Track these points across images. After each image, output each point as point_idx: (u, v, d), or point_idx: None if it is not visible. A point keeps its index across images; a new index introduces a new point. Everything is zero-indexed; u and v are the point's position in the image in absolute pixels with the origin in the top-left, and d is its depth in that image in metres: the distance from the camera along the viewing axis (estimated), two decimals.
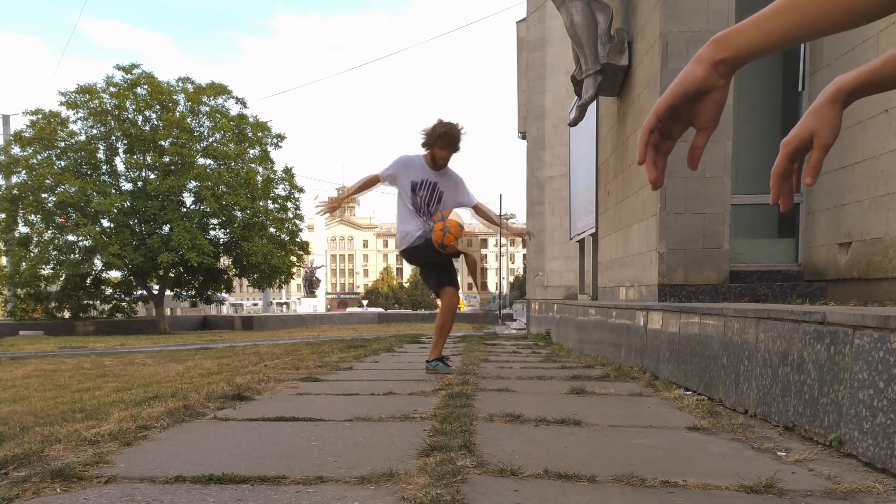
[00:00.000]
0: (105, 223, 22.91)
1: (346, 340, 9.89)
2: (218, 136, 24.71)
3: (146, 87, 23.60)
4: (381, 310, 51.42)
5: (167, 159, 23.47)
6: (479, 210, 4.61)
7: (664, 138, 0.83)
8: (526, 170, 16.49)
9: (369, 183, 4.53)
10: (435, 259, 4.29)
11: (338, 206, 4.59)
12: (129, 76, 23.66)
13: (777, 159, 0.84)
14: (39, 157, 22.77)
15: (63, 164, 23.14)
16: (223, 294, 28.92)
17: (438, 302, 4.47)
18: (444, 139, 4.22)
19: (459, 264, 4.45)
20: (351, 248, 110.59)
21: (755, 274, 5.38)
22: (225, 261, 26.27)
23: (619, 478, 1.68)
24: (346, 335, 15.92)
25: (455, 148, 4.30)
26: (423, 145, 4.33)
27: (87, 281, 24.05)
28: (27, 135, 22.73)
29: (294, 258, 27.03)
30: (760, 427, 2.34)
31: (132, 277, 24.79)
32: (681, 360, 3.43)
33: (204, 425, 2.50)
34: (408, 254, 4.40)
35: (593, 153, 8.67)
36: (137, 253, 22.28)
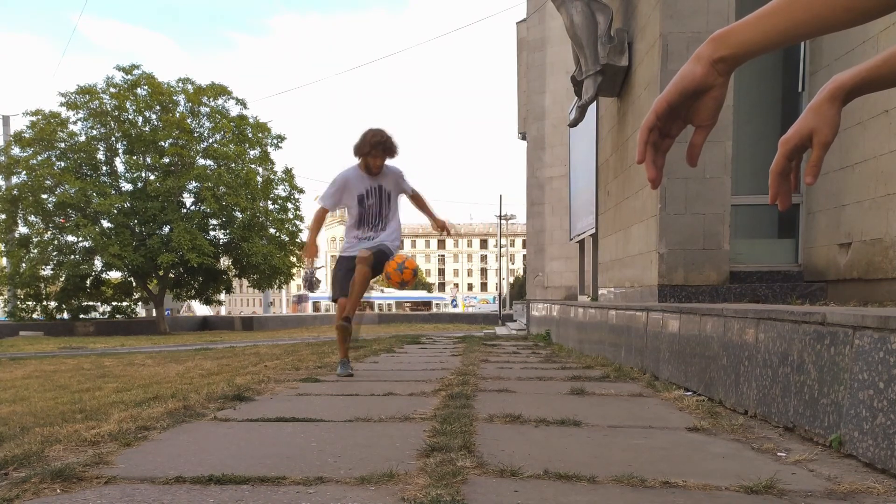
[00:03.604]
0: (105, 224, 22.93)
1: None
2: (218, 136, 24.73)
3: (146, 87, 23.61)
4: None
5: (167, 160, 23.48)
6: (416, 199, 4.55)
7: (663, 136, 0.83)
8: (526, 170, 16.51)
9: (320, 219, 4.47)
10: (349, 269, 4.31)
11: (315, 251, 4.51)
12: (129, 77, 23.68)
13: (775, 158, 0.84)
14: (39, 158, 22.78)
15: (63, 164, 23.15)
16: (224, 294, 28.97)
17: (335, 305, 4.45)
18: (378, 148, 4.17)
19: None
20: None
21: (755, 274, 5.38)
22: (225, 261, 26.28)
23: (619, 478, 1.68)
24: None
25: (391, 154, 4.25)
26: (356, 155, 4.27)
27: (87, 282, 24.06)
28: (27, 135, 22.75)
29: (294, 259, 27.03)
30: (760, 427, 2.34)
31: (132, 278, 24.81)
32: (681, 361, 3.42)
33: (204, 426, 2.50)
34: (344, 259, 4.38)
35: (593, 153, 8.67)
36: (137, 253, 22.29)
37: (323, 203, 4.38)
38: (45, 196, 22.55)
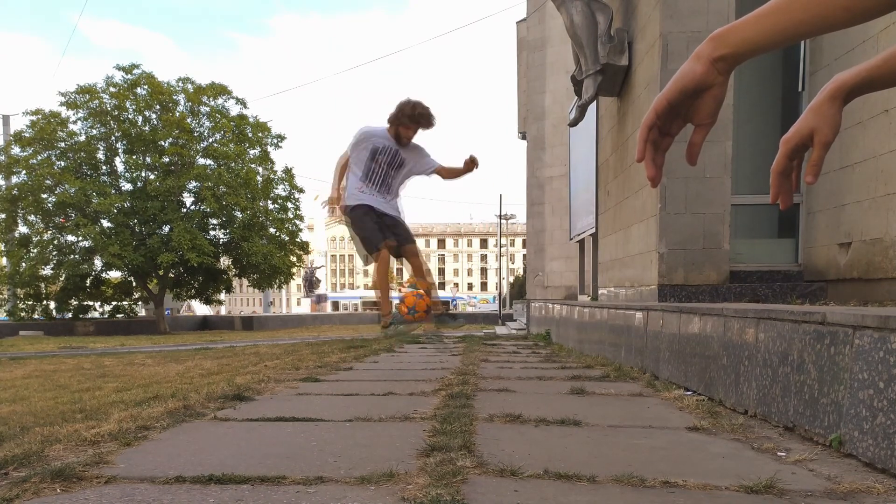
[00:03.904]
0: (105, 223, 22.93)
1: (346, 341, 9.89)
2: (218, 136, 24.73)
3: (146, 87, 23.62)
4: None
5: (167, 160, 23.49)
6: (443, 171, 4.53)
7: (663, 135, 0.83)
8: (526, 170, 16.51)
9: (345, 163, 4.40)
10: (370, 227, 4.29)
11: (338, 199, 4.45)
12: (129, 76, 23.69)
13: (777, 157, 0.84)
14: (39, 158, 22.80)
15: (63, 164, 23.17)
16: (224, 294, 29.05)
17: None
18: (414, 119, 4.14)
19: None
20: (351, 248, 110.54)
21: (755, 274, 5.38)
22: (225, 261, 26.29)
23: (619, 478, 1.68)
24: (346, 335, 15.93)
25: (427, 125, 4.22)
26: (390, 121, 4.23)
27: (87, 281, 24.07)
28: (27, 135, 22.76)
29: (294, 258, 27.04)
30: (760, 427, 2.34)
31: (132, 278, 24.82)
32: (681, 361, 3.42)
33: (204, 425, 2.50)
34: (359, 210, 4.32)
35: (593, 153, 8.67)
36: (137, 253, 22.30)
37: (347, 150, 4.37)
38: (45, 196, 22.56)
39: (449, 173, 4.59)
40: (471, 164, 4.47)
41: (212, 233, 25.30)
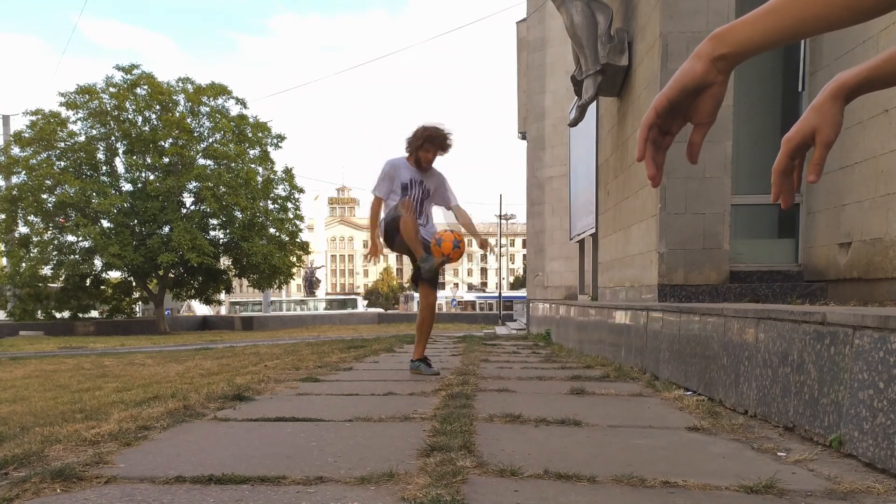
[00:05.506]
0: (105, 224, 22.96)
1: (346, 341, 9.89)
2: (218, 136, 24.75)
3: (146, 87, 23.65)
4: (380, 310, 51.51)
5: (167, 160, 23.50)
6: (461, 216, 4.56)
7: (663, 134, 0.83)
8: (526, 170, 16.50)
9: (377, 211, 4.42)
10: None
11: (376, 251, 4.44)
12: (128, 76, 23.71)
13: (778, 156, 0.84)
14: (39, 158, 22.81)
15: (63, 164, 23.19)
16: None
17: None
18: (430, 142, 4.21)
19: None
20: (351, 248, 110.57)
21: (755, 274, 5.38)
22: (225, 261, 26.31)
23: (619, 478, 1.68)
24: (346, 335, 15.93)
25: (443, 149, 4.29)
26: (409, 147, 4.31)
27: (87, 281, 24.08)
28: (27, 135, 22.78)
29: (294, 258, 27.06)
30: (760, 427, 2.34)
31: (132, 278, 24.84)
32: (681, 361, 3.42)
33: (204, 425, 2.50)
34: (391, 228, 4.32)
35: (593, 153, 8.67)
36: (137, 253, 22.32)
37: (377, 193, 4.35)
38: (45, 196, 22.58)
39: (465, 222, 4.56)
40: (484, 245, 4.63)
41: (212, 233, 25.33)
